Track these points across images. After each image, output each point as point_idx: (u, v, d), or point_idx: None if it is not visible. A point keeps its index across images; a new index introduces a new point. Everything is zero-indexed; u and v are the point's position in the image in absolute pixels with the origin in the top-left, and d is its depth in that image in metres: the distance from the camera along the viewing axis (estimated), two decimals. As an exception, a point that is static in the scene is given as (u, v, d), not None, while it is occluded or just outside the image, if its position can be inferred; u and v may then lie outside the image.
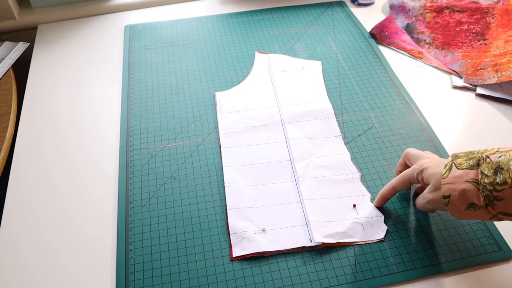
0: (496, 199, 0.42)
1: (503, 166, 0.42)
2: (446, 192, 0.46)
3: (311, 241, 0.54)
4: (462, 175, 0.45)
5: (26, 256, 0.54)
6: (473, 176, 0.44)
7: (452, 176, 0.45)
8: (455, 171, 0.45)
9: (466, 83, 0.76)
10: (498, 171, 0.42)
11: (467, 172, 0.44)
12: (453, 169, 0.46)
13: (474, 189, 0.44)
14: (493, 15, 0.85)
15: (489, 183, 0.42)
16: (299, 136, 0.66)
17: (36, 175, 0.63)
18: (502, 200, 0.42)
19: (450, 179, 0.46)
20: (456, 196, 0.45)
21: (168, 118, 0.70)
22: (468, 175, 0.44)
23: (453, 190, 0.45)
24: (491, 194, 0.42)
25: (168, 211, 0.58)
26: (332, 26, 0.89)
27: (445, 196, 0.46)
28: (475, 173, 0.44)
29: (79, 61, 0.81)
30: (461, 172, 0.45)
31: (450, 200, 0.46)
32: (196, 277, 0.51)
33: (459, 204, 0.45)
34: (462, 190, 0.44)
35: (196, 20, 0.91)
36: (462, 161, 0.46)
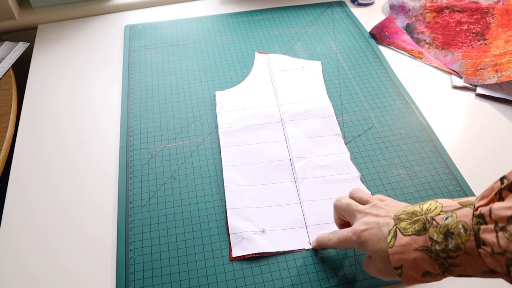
0: (452, 265, 0.39)
1: (453, 230, 0.38)
2: (397, 263, 0.41)
3: (310, 244, 0.54)
4: (410, 243, 0.40)
5: (26, 256, 0.54)
6: (422, 243, 0.40)
7: (399, 244, 0.41)
8: (401, 238, 0.41)
9: (466, 83, 0.76)
10: (449, 235, 0.38)
11: (414, 239, 0.40)
12: (399, 235, 0.41)
13: (426, 257, 0.40)
14: (493, 15, 0.85)
15: (441, 250, 0.38)
16: (298, 135, 0.66)
17: (36, 175, 0.63)
18: (459, 265, 0.38)
19: (397, 248, 0.41)
20: (409, 265, 0.41)
21: (168, 118, 0.70)
22: (417, 242, 0.40)
23: (403, 260, 0.41)
24: (446, 261, 0.39)
25: (168, 211, 0.58)
26: (332, 26, 0.89)
27: (397, 267, 0.41)
28: (424, 239, 0.40)
29: (79, 61, 0.81)
30: (408, 239, 0.41)
31: (403, 271, 0.41)
32: (196, 277, 0.51)
33: (413, 274, 0.41)
34: (413, 260, 0.40)
35: (196, 20, 0.91)
36: (406, 225, 0.41)
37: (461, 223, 0.38)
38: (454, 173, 0.62)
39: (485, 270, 0.37)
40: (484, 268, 0.37)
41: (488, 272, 0.37)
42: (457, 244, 0.37)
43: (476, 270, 0.38)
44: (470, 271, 0.38)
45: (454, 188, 0.60)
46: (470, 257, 0.37)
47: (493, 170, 0.62)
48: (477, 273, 0.38)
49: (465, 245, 0.37)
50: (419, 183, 0.60)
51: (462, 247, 0.37)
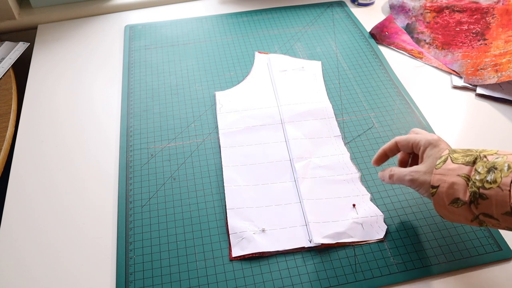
0: (481, 197, 0.42)
1: (497, 166, 0.42)
2: (436, 183, 0.45)
3: (310, 242, 0.54)
4: (455, 169, 0.44)
5: (26, 256, 0.54)
6: (466, 172, 0.44)
7: (445, 168, 0.45)
8: (450, 164, 0.45)
9: (466, 83, 0.76)
10: (492, 170, 0.42)
11: (461, 167, 0.44)
12: (448, 161, 0.45)
13: (464, 183, 0.43)
14: (493, 15, 0.85)
15: (479, 180, 0.42)
16: (298, 136, 0.66)
17: (36, 175, 0.63)
18: (487, 199, 0.41)
19: (443, 170, 0.45)
20: (445, 188, 0.44)
21: (168, 118, 0.70)
22: (462, 170, 0.44)
23: (443, 181, 0.45)
24: (478, 190, 0.42)
25: (168, 211, 0.58)
26: (332, 26, 0.89)
27: (434, 186, 0.45)
28: (469, 169, 0.44)
29: (79, 61, 0.81)
30: (455, 166, 0.44)
31: (437, 191, 0.45)
32: (196, 277, 0.51)
33: (444, 198, 0.45)
34: (451, 183, 0.44)
35: (196, 20, 0.91)
36: (458, 156, 0.45)
37: (507, 162, 0.41)
38: (454, 173, 0.62)
39: (507, 210, 0.40)
40: (507, 207, 0.40)
41: (509, 214, 0.40)
42: (495, 178, 0.41)
43: (500, 208, 0.41)
44: (494, 208, 0.41)
45: (454, 188, 0.60)
46: (500, 191, 0.40)
47: (493, 170, 0.62)
48: (499, 212, 0.41)
49: (502, 179, 0.40)
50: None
51: (498, 180, 0.41)
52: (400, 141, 0.52)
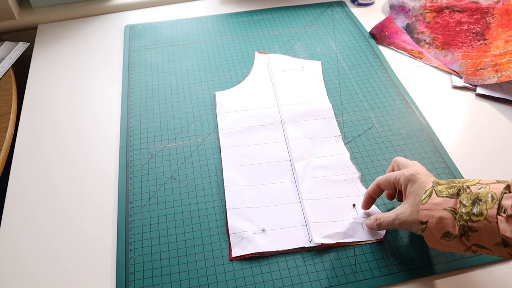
0: (470, 229, 0.42)
1: (481, 198, 0.42)
2: (424, 218, 0.45)
3: (310, 242, 0.54)
4: (441, 203, 0.44)
5: (26, 256, 0.54)
6: (452, 205, 0.44)
7: (431, 202, 0.45)
8: (435, 198, 0.45)
9: (466, 83, 0.76)
10: (476, 202, 0.42)
11: (446, 200, 0.44)
12: (433, 195, 0.46)
13: (451, 217, 0.43)
14: (493, 15, 0.85)
15: (466, 213, 0.42)
16: (298, 136, 0.66)
17: (36, 175, 0.63)
18: (476, 231, 0.41)
19: (429, 205, 0.45)
20: (433, 223, 0.45)
21: (168, 118, 0.70)
22: (447, 203, 0.44)
23: (431, 216, 0.45)
24: (466, 224, 0.42)
25: (168, 211, 0.58)
26: (332, 26, 0.89)
27: (423, 222, 0.46)
28: (454, 202, 0.44)
29: (79, 61, 0.81)
30: (440, 199, 0.45)
31: (427, 226, 0.45)
32: (196, 277, 0.51)
33: (435, 232, 0.45)
34: (439, 218, 0.44)
35: (196, 20, 0.91)
36: (442, 188, 0.46)
37: (490, 193, 0.41)
38: (454, 173, 0.62)
39: (498, 241, 0.40)
40: (497, 239, 0.40)
41: (500, 244, 0.40)
42: (481, 210, 0.41)
43: (490, 239, 0.41)
44: (485, 240, 0.41)
45: (454, 188, 0.60)
46: (488, 224, 0.40)
47: (493, 170, 0.62)
48: (490, 243, 0.41)
49: (487, 211, 0.40)
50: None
51: (484, 212, 0.41)
52: (381, 183, 0.53)
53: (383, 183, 0.53)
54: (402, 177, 0.50)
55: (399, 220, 0.49)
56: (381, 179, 0.53)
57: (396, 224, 0.50)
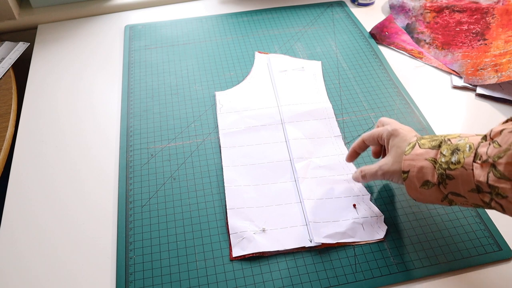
0: (448, 177, 0.44)
1: (460, 148, 0.45)
2: (406, 168, 0.48)
3: (310, 242, 0.54)
4: (423, 153, 0.47)
5: (26, 256, 0.54)
6: (433, 156, 0.47)
7: (414, 153, 0.48)
8: (417, 149, 0.48)
9: (466, 83, 0.76)
10: (455, 151, 0.45)
11: (428, 151, 0.47)
12: (416, 147, 0.48)
13: (431, 166, 0.46)
14: (493, 15, 0.85)
15: (445, 162, 0.45)
16: (299, 136, 0.66)
17: (36, 175, 0.63)
18: (453, 179, 0.44)
19: (411, 156, 0.48)
20: (415, 172, 0.47)
21: (168, 118, 0.70)
22: (429, 154, 0.47)
23: (412, 166, 0.48)
24: (445, 172, 0.45)
25: (168, 211, 0.58)
26: (332, 26, 0.89)
27: (404, 171, 0.48)
28: (435, 153, 0.47)
29: (79, 61, 0.81)
30: (422, 151, 0.48)
31: (408, 176, 0.48)
32: (196, 277, 0.51)
33: (415, 181, 0.48)
34: (420, 167, 0.47)
35: (196, 20, 0.91)
36: (425, 141, 0.48)
37: (469, 143, 0.44)
38: (454, 173, 0.62)
39: (473, 187, 0.43)
40: (472, 185, 0.43)
41: (474, 190, 0.43)
42: (459, 158, 0.44)
43: (466, 186, 0.44)
44: (461, 187, 0.44)
45: (454, 188, 0.60)
46: (464, 171, 0.43)
47: (493, 170, 0.62)
48: (465, 190, 0.44)
49: (465, 159, 0.43)
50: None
51: (462, 161, 0.43)
52: (366, 138, 0.56)
53: (368, 138, 0.56)
54: (385, 132, 0.53)
55: (382, 170, 0.52)
56: (366, 135, 0.56)
57: (379, 175, 0.52)
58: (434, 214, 0.57)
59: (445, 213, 0.57)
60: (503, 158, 0.39)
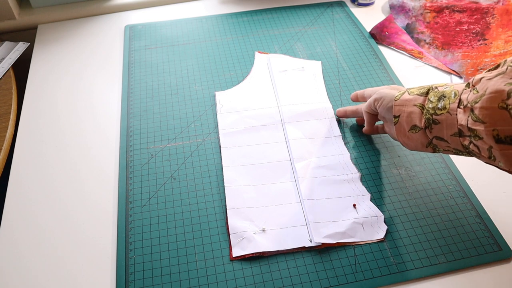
0: (434, 122, 0.48)
1: (446, 95, 0.48)
2: (397, 113, 0.52)
3: (310, 242, 0.54)
4: (411, 100, 0.51)
5: (26, 256, 0.54)
6: (421, 102, 0.50)
7: (403, 99, 0.52)
8: (406, 95, 0.52)
9: (466, 83, 0.76)
10: (441, 98, 0.48)
11: (416, 98, 0.51)
12: (405, 94, 0.52)
13: (419, 112, 0.50)
14: (493, 15, 0.85)
15: (432, 107, 0.48)
16: (299, 136, 0.66)
17: (36, 175, 0.63)
18: (438, 123, 0.47)
19: (401, 101, 0.52)
20: (404, 117, 0.51)
21: (168, 118, 0.70)
22: (417, 100, 0.50)
23: (402, 111, 0.52)
24: (431, 117, 0.48)
25: (168, 211, 0.58)
26: (332, 26, 0.89)
27: (396, 116, 0.53)
28: (423, 99, 0.50)
29: (79, 61, 0.81)
30: (411, 97, 0.51)
31: (399, 120, 0.52)
32: (196, 277, 0.51)
33: (404, 125, 0.52)
34: (409, 112, 0.51)
35: (196, 20, 0.91)
36: (414, 90, 0.52)
37: (454, 90, 0.47)
38: (454, 173, 0.62)
39: (455, 131, 0.46)
40: (455, 129, 0.46)
41: (456, 134, 0.46)
42: (444, 104, 0.47)
43: (449, 130, 0.47)
44: (444, 131, 0.47)
45: (454, 188, 0.60)
46: (449, 116, 0.46)
47: (493, 170, 0.62)
48: (448, 134, 0.47)
49: (450, 105, 0.46)
50: (419, 183, 0.60)
51: (447, 106, 0.47)
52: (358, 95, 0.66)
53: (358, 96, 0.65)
54: (372, 100, 0.58)
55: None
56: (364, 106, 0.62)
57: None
58: (434, 214, 0.57)
59: (445, 213, 0.57)
60: (479, 103, 0.43)
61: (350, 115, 0.68)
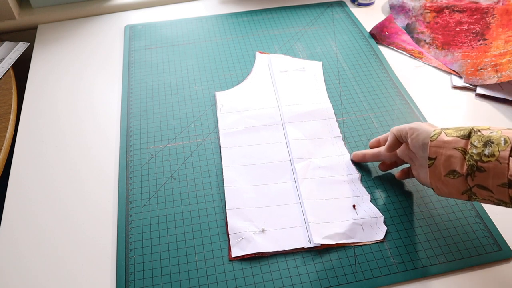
0: (479, 169, 0.44)
1: (494, 140, 0.44)
2: (433, 154, 0.48)
3: (310, 242, 0.54)
4: (451, 142, 0.47)
5: (26, 256, 0.54)
6: (462, 145, 0.46)
7: (441, 140, 0.47)
8: (444, 137, 0.47)
9: (466, 83, 0.76)
10: (488, 144, 0.44)
11: (457, 140, 0.46)
12: (442, 135, 0.48)
13: (461, 156, 0.46)
14: (493, 15, 0.85)
15: (477, 153, 0.44)
16: (299, 137, 0.66)
17: (36, 175, 0.63)
18: (484, 171, 0.44)
19: (438, 142, 0.47)
20: (442, 160, 0.47)
21: (168, 118, 0.70)
22: (458, 143, 0.46)
23: (439, 153, 0.47)
24: (476, 164, 0.44)
25: (168, 211, 0.58)
26: (332, 26, 0.89)
27: (431, 158, 0.48)
28: (465, 142, 0.46)
29: (79, 61, 0.81)
30: (451, 139, 0.47)
31: (435, 162, 0.48)
32: (196, 277, 0.51)
33: (441, 169, 0.47)
34: (448, 156, 0.46)
35: (196, 20, 0.91)
36: (451, 131, 0.48)
37: (503, 136, 0.44)
38: (454, 173, 0.62)
39: (504, 182, 0.42)
40: (504, 179, 0.42)
41: (505, 185, 0.42)
42: (493, 151, 0.43)
43: (496, 180, 0.43)
44: (490, 180, 0.43)
45: (454, 188, 0.60)
46: (498, 164, 0.43)
47: (493, 170, 0.62)
48: (495, 184, 0.43)
49: (500, 153, 0.43)
50: (419, 183, 0.60)
51: (496, 154, 0.43)
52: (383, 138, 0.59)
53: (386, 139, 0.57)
54: (406, 128, 0.52)
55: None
56: (383, 136, 0.59)
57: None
58: (434, 214, 0.57)
59: (445, 213, 0.57)
60: None
61: (370, 159, 0.61)
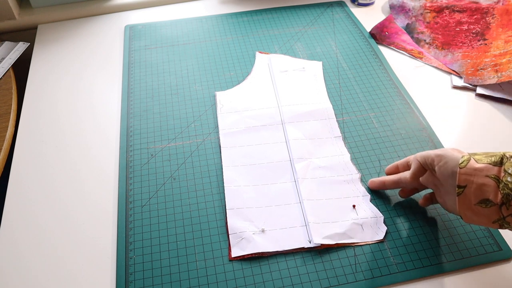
0: None
1: None
2: (463, 182, 0.45)
3: (310, 242, 0.54)
4: (482, 169, 0.44)
5: (26, 256, 0.54)
6: (495, 173, 0.43)
7: (471, 167, 0.44)
8: (475, 163, 0.45)
9: (466, 83, 0.76)
10: None
11: (489, 168, 0.44)
12: (472, 161, 0.45)
13: (494, 185, 0.43)
14: (493, 15, 0.85)
15: None
16: (299, 137, 0.66)
17: (36, 175, 0.63)
18: None
19: (468, 170, 0.45)
20: (473, 189, 0.44)
21: (168, 118, 0.70)
22: (490, 171, 0.44)
23: (470, 182, 0.44)
24: (511, 193, 0.42)
25: (168, 211, 0.58)
26: (332, 26, 0.89)
27: (461, 186, 0.45)
28: (498, 170, 0.43)
29: (79, 61, 0.81)
30: (482, 166, 0.44)
31: (465, 191, 0.45)
32: (196, 277, 0.51)
33: (471, 198, 0.45)
34: (480, 184, 0.44)
35: (196, 20, 0.91)
36: (481, 157, 0.45)
37: None
38: (454, 173, 0.62)
39: None
40: None
41: None
42: None
43: None
44: None
45: (454, 188, 0.60)
46: None
47: (493, 170, 0.62)
48: None
49: None
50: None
51: None
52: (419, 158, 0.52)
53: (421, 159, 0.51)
54: (432, 154, 0.49)
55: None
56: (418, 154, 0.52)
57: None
58: (434, 214, 0.57)
59: (445, 213, 0.57)
60: None
61: (391, 186, 0.57)
